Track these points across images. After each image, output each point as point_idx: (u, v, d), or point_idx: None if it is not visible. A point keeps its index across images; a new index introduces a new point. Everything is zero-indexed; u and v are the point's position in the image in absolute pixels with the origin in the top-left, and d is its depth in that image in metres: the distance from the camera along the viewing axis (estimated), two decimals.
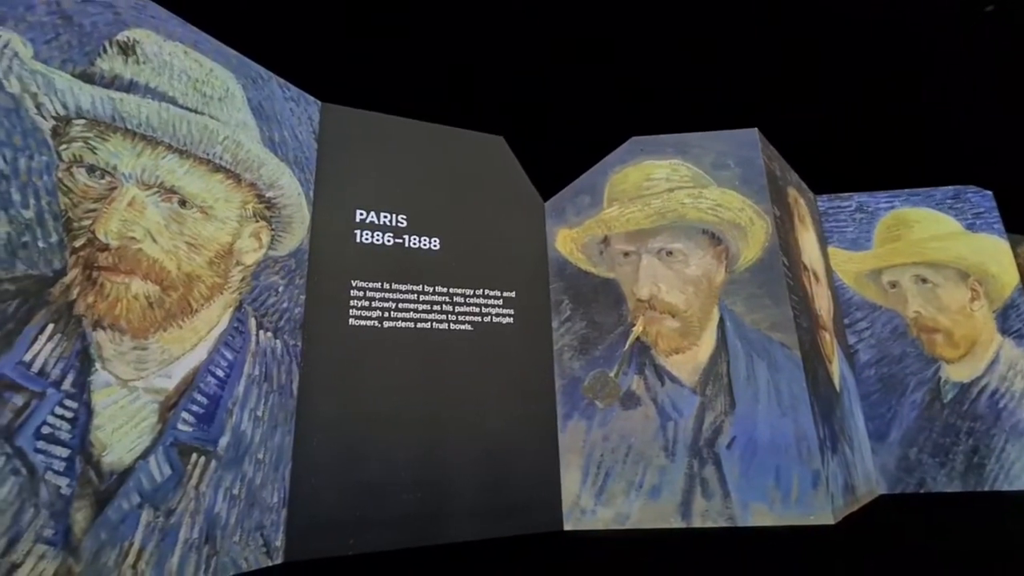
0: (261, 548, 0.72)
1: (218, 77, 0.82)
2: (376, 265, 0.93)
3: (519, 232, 1.07)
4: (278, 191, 0.85)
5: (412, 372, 0.89)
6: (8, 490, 0.54)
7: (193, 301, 0.72)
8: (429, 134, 1.05)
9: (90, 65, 0.68)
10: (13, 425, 0.55)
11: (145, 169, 0.70)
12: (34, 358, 0.58)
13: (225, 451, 0.71)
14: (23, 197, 0.60)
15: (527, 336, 1.01)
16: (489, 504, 0.87)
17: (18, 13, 0.64)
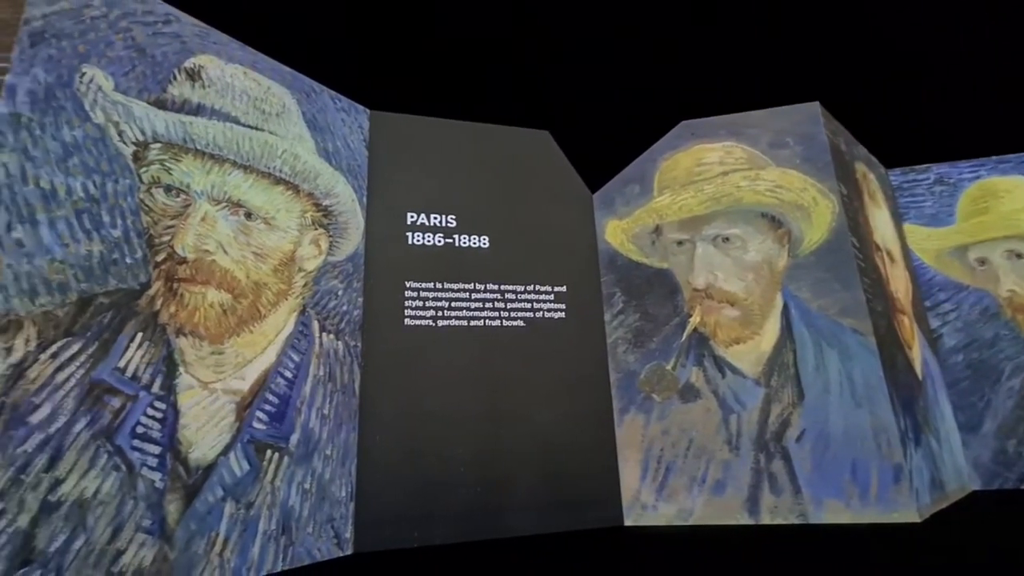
0: (332, 540, 0.76)
1: (275, 94, 0.86)
2: (428, 265, 0.95)
3: (568, 226, 1.07)
4: (334, 199, 0.89)
5: (467, 369, 0.91)
6: (111, 484, 0.59)
7: (262, 307, 0.77)
8: (474, 133, 1.07)
9: (162, 92, 0.74)
10: (112, 425, 0.61)
11: (214, 186, 0.75)
12: (127, 364, 0.63)
13: (296, 448, 0.75)
14: (111, 218, 0.66)
15: (579, 330, 1.00)
16: (548, 499, 0.87)
17: (99, 50, 0.70)
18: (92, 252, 0.63)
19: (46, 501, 0.55)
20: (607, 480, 0.91)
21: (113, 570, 0.58)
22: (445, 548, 0.79)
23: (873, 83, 1.32)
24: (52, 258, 0.60)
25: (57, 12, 0.67)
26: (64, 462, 0.57)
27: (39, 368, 0.58)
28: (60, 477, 0.56)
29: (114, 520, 0.59)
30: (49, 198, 0.62)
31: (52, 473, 0.56)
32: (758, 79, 1.24)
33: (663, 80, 1.28)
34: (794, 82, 1.16)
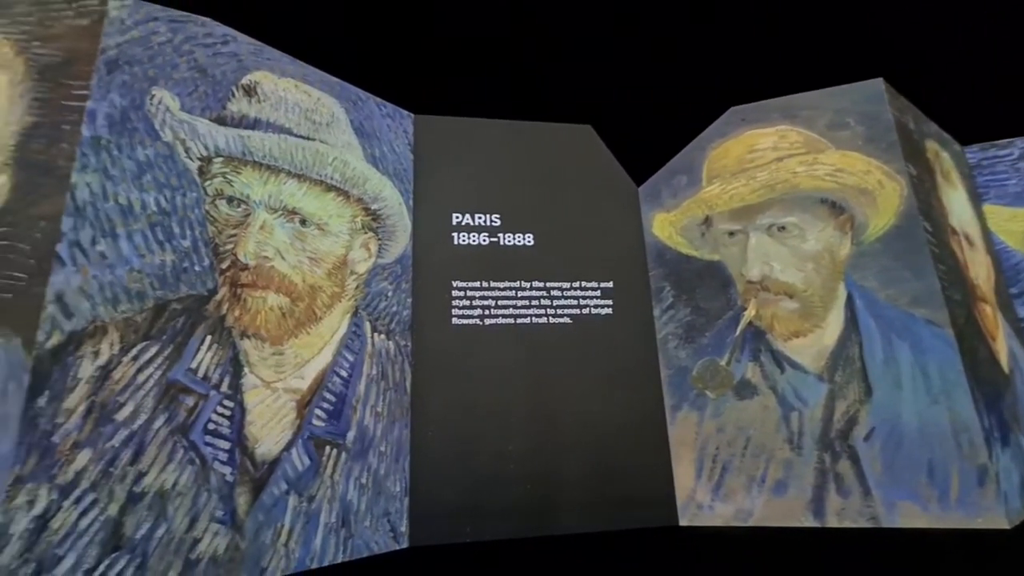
0: (389, 533, 0.78)
1: (324, 105, 0.90)
2: (474, 265, 0.96)
3: (613, 220, 1.05)
4: (382, 203, 0.91)
5: (514, 367, 0.91)
6: (187, 477, 0.64)
7: (317, 310, 0.80)
8: (516, 132, 1.07)
9: (223, 109, 0.79)
10: (187, 422, 0.66)
11: (271, 195, 0.79)
12: (199, 365, 0.68)
13: (352, 444, 0.78)
14: (181, 229, 0.71)
15: (627, 326, 0.98)
16: (599, 496, 0.86)
17: (167, 73, 0.75)
18: (165, 261, 0.68)
19: (132, 492, 0.60)
20: (660, 479, 0.89)
21: (191, 557, 0.62)
22: (498, 544, 0.80)
23: (943, 54, 1.22)
24: (131, 268, 0.66)
25: (129, 40, 0.73)
26: (146, 456, 0.62)
27: (122, 370, 0.63)
28: (143, 470, 0.61)
29: (191, 510, 0.63)
30: (127, 213, 0.67)
31: (136, 466, 0.61)
32: (812, 58, 1.18)
33: (707, 65, 1.24)
34: (852, 59, 1.10)
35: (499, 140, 1.05)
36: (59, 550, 0.55)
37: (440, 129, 1.03)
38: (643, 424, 0.92)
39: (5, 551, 0.52)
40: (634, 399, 0.93)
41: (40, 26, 0.71)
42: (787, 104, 1.02)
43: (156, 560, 0.60)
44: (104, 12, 0.71)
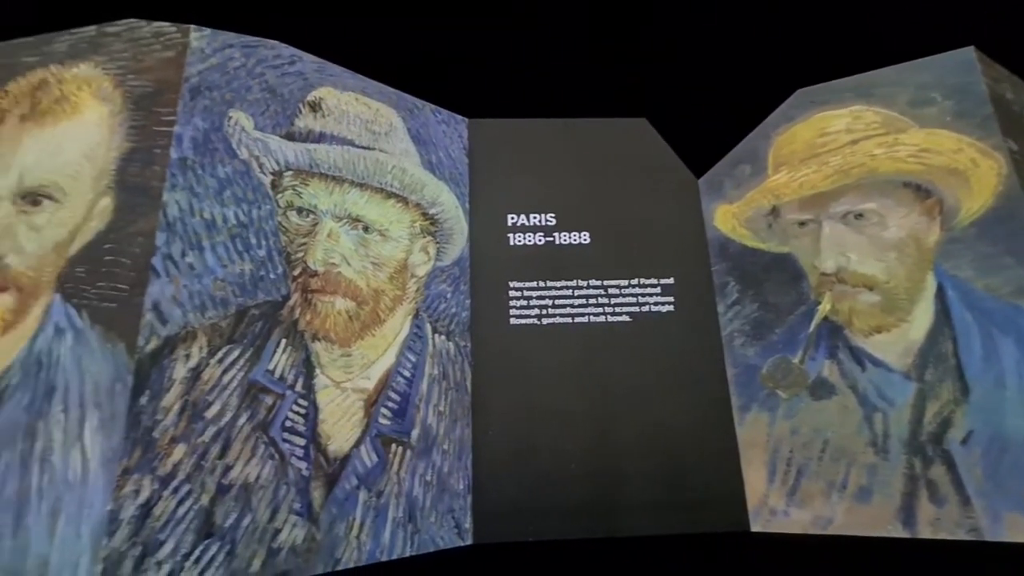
0: (453, 529, 0.80)
1: (383, 115, 0.93)
2: (530, 265, 0.96)
3: (672, 215, 1.02)
4: (439, 207, 0.94)
5: (573, 366, 0.91)
6: (268, 471, 0.68)
7: (381, 312, 0.83)
8: (569, 129, 1.06)
9: (291, 126, 0.84)
10: (267, 420, 0.70)
11: (336, 204, 0.83)
12: (276, 366, 0.73)
13: (417, 442, 0.81)
14: (257, 240, 0.76)
15: (690, 324, 0.95)
16: (664, 499, 0.84)
17: (241, 95, 0.81)
18: (244, 270, 0.74)
19: (220, 484, 0.65)
20: (729, 482, 0.86)
21: (273, 546, 0.66)
22: (561, 544, 0.80)
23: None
24: (215, 277, 0.71)
25: (208, 68, 0.79)
26: (232, 451, 0.67)
27: (210, 371, 0.68)
28: (230, 464, 0.66)
29: (272, 502, 0.68)
30: (210, 227, 0.73)
31: (224, 460, 0.66)
32: (886, 32, 1.09)
33: (767, 47, 1.17)
34: (934, 29, 1.00)
35: (552, 139, 1.05)
36: (161, 535, 0.60)
37: (493, 132, 1.04)
38: (708, 425, 0.89)
39: (116, 535, 0.58)
40: (698, 399, 0.90)
41: (133, 60, 0.78)
42: (861, 82, 0.95)
43: (243, 547, 0.64)
44: (187, 43, 0.78)
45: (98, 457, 0.60)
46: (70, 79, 0.78)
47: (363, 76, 0.94)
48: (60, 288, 0.68)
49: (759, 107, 1.02)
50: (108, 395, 0.62)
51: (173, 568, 0.60)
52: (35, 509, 0.59)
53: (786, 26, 1.18)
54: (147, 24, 0.80)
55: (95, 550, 0.57)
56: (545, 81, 1.18)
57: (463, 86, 1.11)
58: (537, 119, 1.06)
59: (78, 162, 0.73)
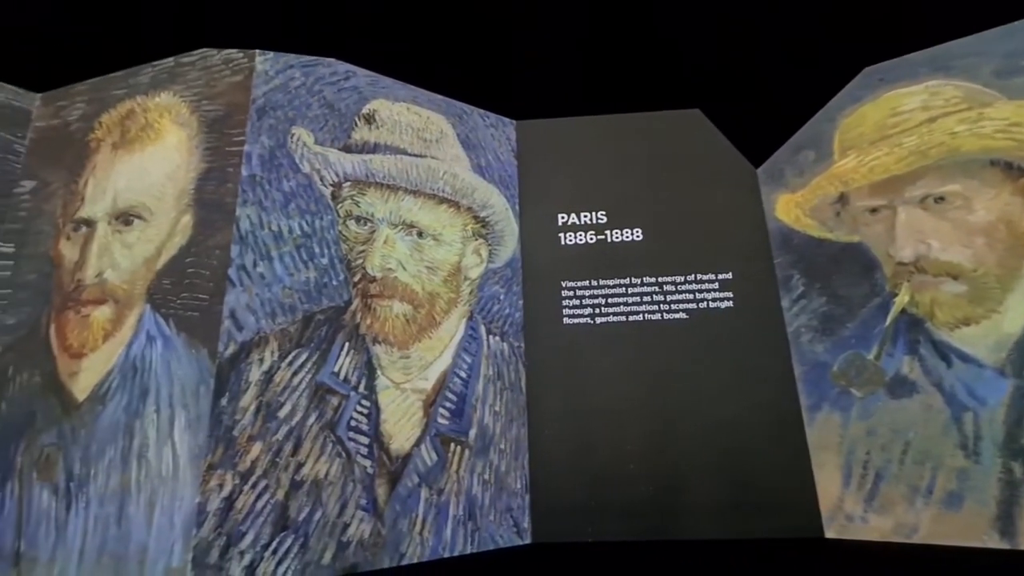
0: (512, 528, 0.81)
1: (433, 123, 0.96)
2: (582, 264, 0.96)
3: (730, 207, 0.98)
4: (490, 210, 0.95)
5: (629, 365, 0.89)
6: (336, 468, 0.72)
7: (436, 315, 0.86)
8: (619, 125, 1.05)
9: (348, 139, 0.87)
10: (333, 419, 0.74)
11: (392, 212, 0.86)
12: (340, 368, 0.76)
13: (474, 442, 0.82)
14: (320, 249, 0.80)
15: (751, 320, 0.91)
16: (728, 502, 0.81)
17: (302, 112, 0.85)
18: (309, 278, 0.78)
19: (294, 479, 0.69)
20: (799, 485, 0.82)
21: (343, 539, 0.70)
22: (621, 545, 0.79)
23: None
24: (284, 285, 0.76)
25: (272, 88, 0.84)
26: (303, 449, 0.71)
27: (281, 374, 0.73)
28: (301, 461, 0.70)
29: (340, 498, 0.71)
30: (278, 238, 0.77)
31: (296, 457, 0.70)
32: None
33: (825, 26, 1.10)
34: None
35: (602, 136, 1.04)
36: (242, 527, 0.65)
37: (542, 132, 1.05)
38: (775, 425, 0.85)
39: (204, 525, 0.63)
40: (762, 398, 0.87)
41: (207, 87, 0.84)
42: (937, 55, 0.88)
43: (315, 540, 0.68)
44: (252, 67, 0.83)
45: (186, 454, 0.66)
46: (153, 108, 0.85)
47: (413, 86, 0.97)
48: (150, 299, 0.74)
49: (819, 90, 0.96)
50: (194, 397, 0.68)
51: (254, 558, 0.64)
52: (135, 500, 0.65)
53: (844, 1, 1.10)
54: (217, 52, 0.86)
55: (186, 539, 0.62)
56: (591, 79, 1.17)
57: (511, 88, 1.11)
58: (585, 117, 1.05)
59: (162, 183, 0.80)
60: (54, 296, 0.78)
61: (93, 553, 0.64)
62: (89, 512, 0.66)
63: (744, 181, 1.00)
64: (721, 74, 1.13)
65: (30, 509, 0.68)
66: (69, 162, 0.86)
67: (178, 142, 0.82)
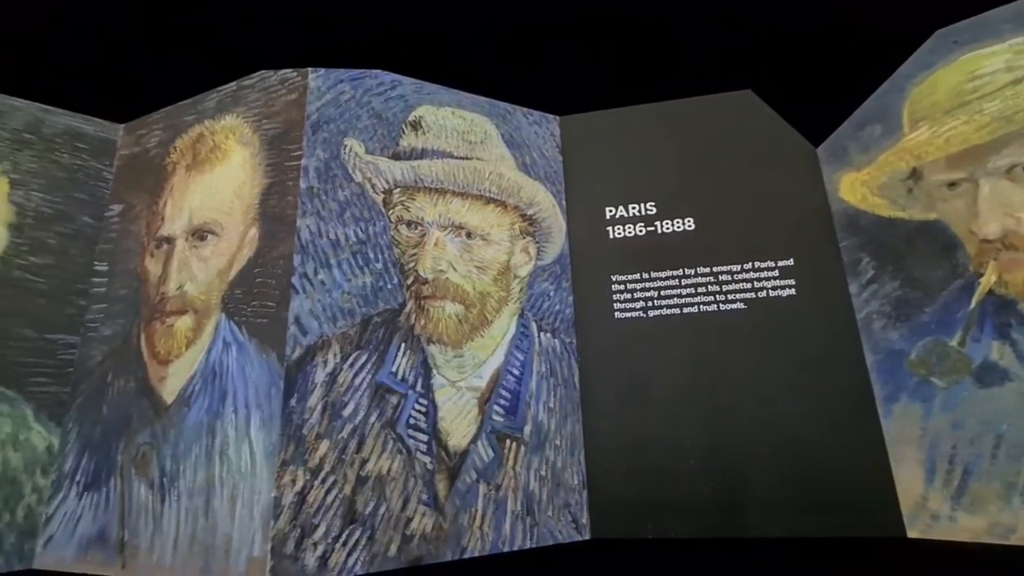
0: (571, 524, 0.81)
1: (477, 124, 0.97)
2: (632, 257, 0.94)
3: (789, 190, 0.94)
4: (536, 207, 0.95)
5: (684, 358, 0.87)
6: (398, 464, 0.75)
7: (488, 314, 0.87)
8: (665, 112, 1.02)
9: (396, 146, 0.90)
10: (393, 417, 0.77)
11: (441, 214, 0.88)
12: (398, 368, 0.79)
13: (530, 438, 0.83)
14: (375, 254, 0.83)
15: (816, 307, 0.86)
16: (798, 498, 0.77)
17: (353, 124, 0.89)
18: (366, 283, 0.81)
19: (359, 475, 0.73)
20: (876, 481, 0.77)
21: (406, 533, 0.73)
22: (683, 542, 0.77)
23: None
24: (342, 291, 0.79)
25: (325, 103, 0.88)
26: (367, 446, 0.74)
27: (343, 375, 0.76)
28: (365, 457, 0.74)
29: (403, 493, 0.74)
30: (335, 246, 0.81)
31: (360, 454, 0.74)
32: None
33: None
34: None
35: (648, 124, 1.02)
36: (314, 520, 0.69)
37: (586, 126, 1.04)
38: (846, 418, 0.80)
39: (280, 518, 0.67)
40: (831, 389, 0.82)
41: (265, 107, 0.90)
42: (1022, 10, 0.79)
43: (381, 533, 0.71)
44: (306, 84, 0.88)
45: (262, 451, 0.70)
46: (219, 130, 0.92)
47: (457, 90, 0.99)
48: (224, 308, 0.80)
49: (883, 59, 0.90)
50: (266, 398, 0.73)
51: (326, 549, 0.68)
52: (219, 494, 0.71)
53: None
54: (274, 73, 0.91)
55: (265, 530, 0.66)
56: (633, 68, 1.14)
57: (555, 84, 1.11)
58: (630, 107, 1.04)
59: (230, 200, 0.86)
60: (142, 308, 0.86)
61: (185, 542, 0.70)
62: (180, 505, 0.72)
63: (803, 162, 0.95)
64: (771, 49, 1.08)
65: (131, 502, 0.75)
66: (150, 185, 0.94)
67: (242, 160, 0.88)
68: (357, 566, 0.69)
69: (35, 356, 0.84)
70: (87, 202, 0.94)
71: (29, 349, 0.84)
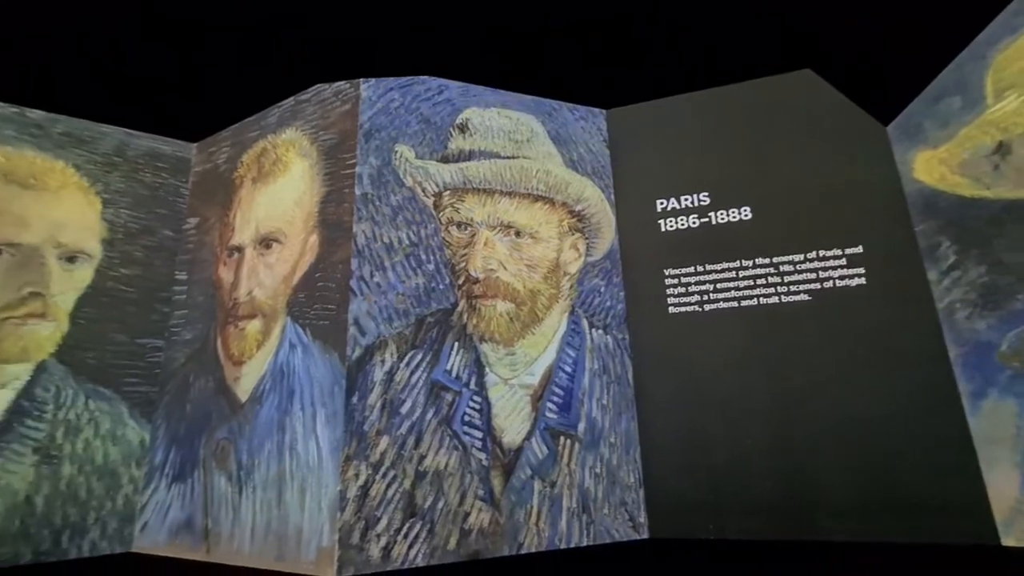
0: (628, 523, 0.80)
1: (523, 123, 0.97)
2: (685, 250, 0.92)
3: (856, 172, 0.88)
4: (584, 203, 0.95)
5: (744, 352, 0.84)
6: (454, 460, 0.77)
7: (539, 312, 0.87)
8: (719, 98, 0.98)
9: (444, 149, 0.92)
10: (449, 415, 0.79)
11: (490, 215, 0.89)
12: (452, 367, 0.81)
13: (584, 435, 0.83)
14: (427, 256, 0.86)
15: (890, 296, 0.81)
16: (874, 501, 0.73)
17: (403, 130, 0.92)
18: (419, 284, 0.84)
19: (418, 470, 0.75)
20: (964, 484, 0.71)
21: (464, 527, 0.74)
22: (747, 543, 0.74)
23: None
24: (397, 292, 0.82)
25: (376, 112, 0.91)
26: (424, 442, 0.76)
27: (400, 373, 0.79)
28: (423, 453, 0.76)
29: (460, 488, 0.76)
30: (389, 249, 0.84)
31: (418, 450, 0.76)
32: None
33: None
34: None
35: (698, 113, 0.99)
36: (377, 512, 0.72)
37: (634, 118, 1.02)
38: (926, 414, 0.75)
39: (346, 510, 0.70)
40: (908, 384, 0.76)
41: (322, 119, 0.94)
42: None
43: (440, 527, 0.73)
44: (358, 95, 0.91)
45: (327, 446, 0.74)
46: (281, 144, 0.97)
47: (502, 90, 1.00)
48: (289, 312, 0.85)
49: (959, 26, 0.82)
50: (330, 396, 0.76)
51: (388, 541, 0.71)
52: (289, 487, 0.75)
53: None
54: (329, 86, 0.95)
55: (332, 522, 0.70)
56: (678, 56, 1.11)
57: (600, 78, 1.10)
58: (678, 96, 1.01)
59: (292, 209, 0.91)
60: (218, 313, 0.92)
61: (261, 531, 0.75)
62: (255, 496, 0.77)
63: (872, 142, 0.89)
64: (829, 24, 1.01)
65: (213, 493, 0.81)
66: (221, 198, 1.01)
67: (302, 171, 0.93)
68: (418, 558, 0.71)
69: (127, 359, 0.92)
70: (168, 217, 1.03)
71: (122, 352, 0.92)
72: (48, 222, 0.91)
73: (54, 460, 0.83)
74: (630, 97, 1.04)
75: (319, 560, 0.69)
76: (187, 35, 1.16)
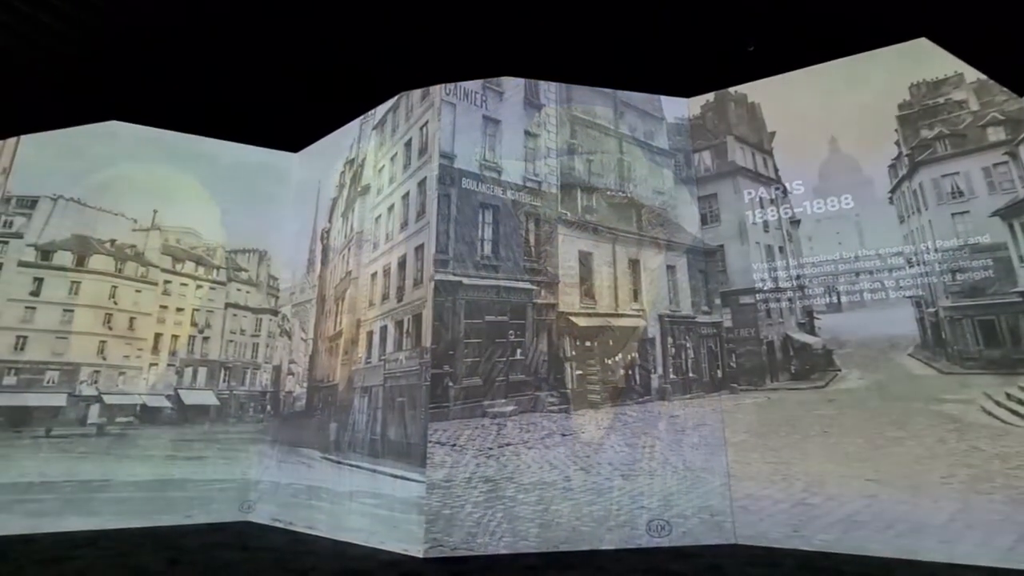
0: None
1: (601, 116, 0.97)
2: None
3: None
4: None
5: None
6: None
7: None
8: (818, 76, 0.90)
9: (523, 148, 0.94)
10: None
11: (567, 212, 0.90)
12: None
13: None
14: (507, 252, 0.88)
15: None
16: None
17: (482, 131, 0.94)
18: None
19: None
20: None
21: None
22: None
23: None
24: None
25: (457, 115, 0.94)
26: None
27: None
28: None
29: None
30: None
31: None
32: None
33: None
34: None
35: (796, 91, 0.92)
36: None
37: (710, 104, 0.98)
38: None
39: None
40: None
41: (406, 123, 0.98)
42: None
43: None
44: (439, 100, 0.95)
45: None
46: (370, 151, 1.03)
47: (580, 85, 0.99)
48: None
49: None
50: None
51: None
52: None
53: None
54: (410, 94, 1.00)
55: None
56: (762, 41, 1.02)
57: (682, 67, 1.05)
58: (757, 81, 0.95)
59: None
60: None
61: None
62: None
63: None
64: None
65: None
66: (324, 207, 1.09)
67: (390, 176, 0.98)
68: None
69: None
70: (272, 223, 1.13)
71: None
72: None
73: None
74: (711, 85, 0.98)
75: None
76: (272, 58, 1.23)
